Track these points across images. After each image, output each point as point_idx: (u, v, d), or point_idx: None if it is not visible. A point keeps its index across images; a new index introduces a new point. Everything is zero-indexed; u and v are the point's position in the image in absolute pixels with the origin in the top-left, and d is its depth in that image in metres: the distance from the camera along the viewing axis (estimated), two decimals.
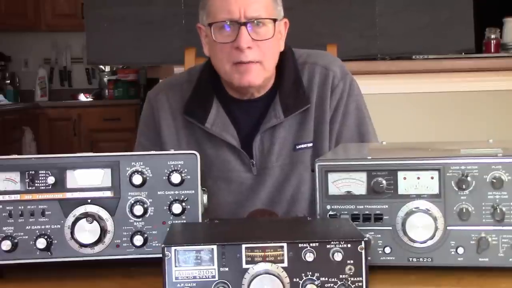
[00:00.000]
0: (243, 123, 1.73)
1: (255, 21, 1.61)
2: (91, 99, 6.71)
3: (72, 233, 1.10)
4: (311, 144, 1.72)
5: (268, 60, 1.65)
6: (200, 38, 1.75)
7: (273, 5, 1.66)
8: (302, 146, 1.72)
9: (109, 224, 1.12)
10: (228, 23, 1.62)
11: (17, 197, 1.12)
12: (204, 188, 1.17)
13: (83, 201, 1.12)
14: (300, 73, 1.74)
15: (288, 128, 1.71)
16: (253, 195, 1.72)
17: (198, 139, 1.73)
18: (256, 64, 1.63)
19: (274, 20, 1.64)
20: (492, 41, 3.47)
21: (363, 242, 0.93)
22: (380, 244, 1.10)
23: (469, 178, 1.08)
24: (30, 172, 1.12)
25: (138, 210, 1.12)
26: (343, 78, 1.74)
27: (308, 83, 1.73)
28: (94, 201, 1.12)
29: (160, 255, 0.93)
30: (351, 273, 0.93)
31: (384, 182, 1.10)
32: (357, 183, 1.11)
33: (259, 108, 1.72)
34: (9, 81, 6.61)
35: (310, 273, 0.93)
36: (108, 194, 1.13)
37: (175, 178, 1.13)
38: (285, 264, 0.93)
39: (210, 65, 1.74)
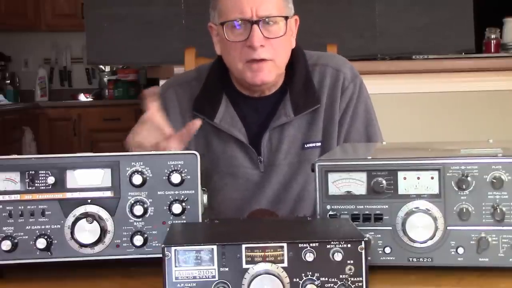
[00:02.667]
0: (251, 120, 1.74)
1: (267, 20, 1.63)
2: (91, 99, 6.71)
3: (72, 233, 1.10)
4: (319, 144, 1.73)
5: (280, 58, 1.67)
6: (212, 38, 1.75)
7: (284, 2, 1.68)
8: (311, 145, 1.73)
9: (109, 224, 1.12)
10: (240, 22, 1.63)
11: (17, 197, 1.12)
12: (204, 188, 1.17)
13: (83, 201, 1.12)
14: (311, 74, 1.75)
15: (297, 127, 1.73)
16: (259, 192, 1.73)
17: (206, 135, 1.74)
18: (269, 62, 1.64)
19: (286, 18, 1.66)
20: (492, 41, 3.47)
21: (363, 242, 0.93)
22: (380, 244, 1.10)
23: (469, 178, 1.08)
24: (30, 172, 1.12)
25: (138, 210, 1.12)
26: (353, 80, 1.76)
27: (319, 84, 1.75)
28: (94, 201, 1.12)
29: (160, 255, 0.93)
30: (351, 273, 0.93)
31: (384, 182, 1.10)
32: (357, 183, 1.11)
33: (268, 106, 1.74)
34: (9, 81, 6.60)
35: (310, 273, 0.93)
36: (108, 194, 1.13)
37: (175, 178, 1.13)
38: (285, 264, 0.93)
39: (219, 64, 1.76)
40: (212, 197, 1.19)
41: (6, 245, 1.11)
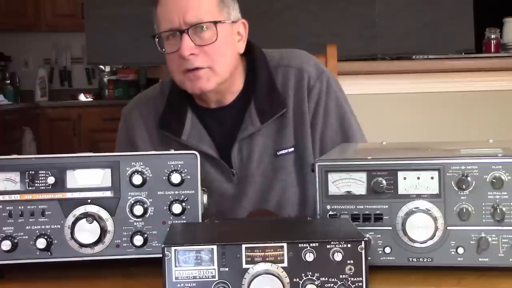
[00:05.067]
0: (218, 133, 1.70)
1: (197, 27, 1.58)
2: (91, 99, 6.71)
3: (72, 233, 1.10)
4: (292, 149, 1.69)
5: (218, 64, 1.60)
6: None
7: (217, 8, 1.61)
8: (283, 151, 1.68)
9: (109, 224, 1.12)
10: (170, 32, 1.60)
11: (17, 197, 1.12)
12: (204, 188, 1.17)
13: (83, 201, 1.12)
14: (274, 78, 1.70)
15: (266, 135, 1.68)
16: (235, 205, 1.69)
17: None
18: (205, 69, 1.59)
19: (216, 23, 1.59)
20: (492, 41, 3.47)
21: (363, 242, 0.93)
22: (380, 244, 1.10)
23: (469, 178, 1.08)
24: (30, 172, 1.12)
25: (138, 210, 1.12)
26: (319, 78, 1.71)
27: (283, 87, 1.70)
28: (94, 201, 1.13)
29: (160, 255, 0.93)
30: (351, 273, 0.93)
31: (384, 182, 1.10)
32: (357, 183, 1.11)
33: (232, 116, 1.69)
34: (9, 81, 6.61)
35: (310, 273, 0.93)
36: (108, 194, 1.13)
37: (175, 178, 1.13)
38: (285, 264, 0.93)
39: None
40: None
41: (6, 245, 1.11)
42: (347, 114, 1.74)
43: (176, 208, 1.13)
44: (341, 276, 0.93)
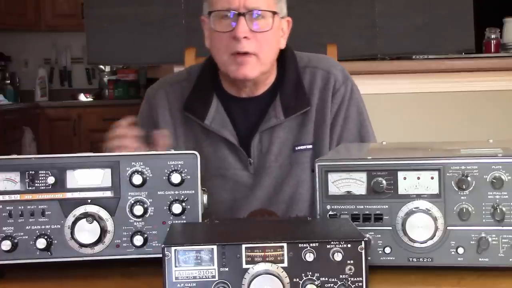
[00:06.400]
0: (241, 122, 1.74)
1: (254, 12, 1.62)
2: (91, 99, 6.71)
3: (72, 233, 1.10)
4: (310, 146, 1.72)
5: (264, 53, 1.65)
6: (203, 32, 1.75)
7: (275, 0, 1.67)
8: (301, 147, 1.72)
9: (109, 224, 1.12)
10: (227, 12, 1.63)
11: (17, 197, 1.12)
12: (204, 188, 1.17)
13: (83, 201, 1.12)
14: (301, 76, 1.75)
15: (287, 129, 1.72)
16: (250, 194, 1.72)
17: (196, 136, 1.74)
18: (252, 56, 1.63)
19: (274, 13, 1.65)
20: (492, 41, 3.47)
21: (363, 242, 0.93)
22: (380, 244, 1.10)
23: (469, 178, 1.08)
24: (30, 172, 1.12)
25: (138, 210, 1.12)
26: (344, 82, 1.76)
27: (310, 86, 1.74)
28: (94, 201, 1.13)
29: (160, 255, 0.93)
30: (351, 273, 0.93)
31: (384, 182, 1.10)
32: (357, 183, 1.11)
33: (258, 108, 1.73)
34: (9, 81, 6.60)
35: (310, 273, 0.93)
36: (108, 194, 1.13)
37: (175, 178, 1.13)
38: (285, 264, 0.93)
39: (210, 64, 1.75)
40: None
41: (6, 245, 1.11)
42: (366, 122, 1.79)
43: (176, 208, 1.13)
44: (341, 276, 0.93)
